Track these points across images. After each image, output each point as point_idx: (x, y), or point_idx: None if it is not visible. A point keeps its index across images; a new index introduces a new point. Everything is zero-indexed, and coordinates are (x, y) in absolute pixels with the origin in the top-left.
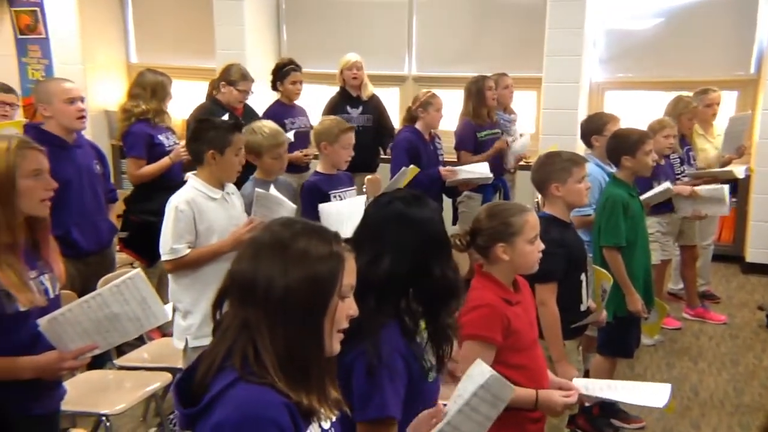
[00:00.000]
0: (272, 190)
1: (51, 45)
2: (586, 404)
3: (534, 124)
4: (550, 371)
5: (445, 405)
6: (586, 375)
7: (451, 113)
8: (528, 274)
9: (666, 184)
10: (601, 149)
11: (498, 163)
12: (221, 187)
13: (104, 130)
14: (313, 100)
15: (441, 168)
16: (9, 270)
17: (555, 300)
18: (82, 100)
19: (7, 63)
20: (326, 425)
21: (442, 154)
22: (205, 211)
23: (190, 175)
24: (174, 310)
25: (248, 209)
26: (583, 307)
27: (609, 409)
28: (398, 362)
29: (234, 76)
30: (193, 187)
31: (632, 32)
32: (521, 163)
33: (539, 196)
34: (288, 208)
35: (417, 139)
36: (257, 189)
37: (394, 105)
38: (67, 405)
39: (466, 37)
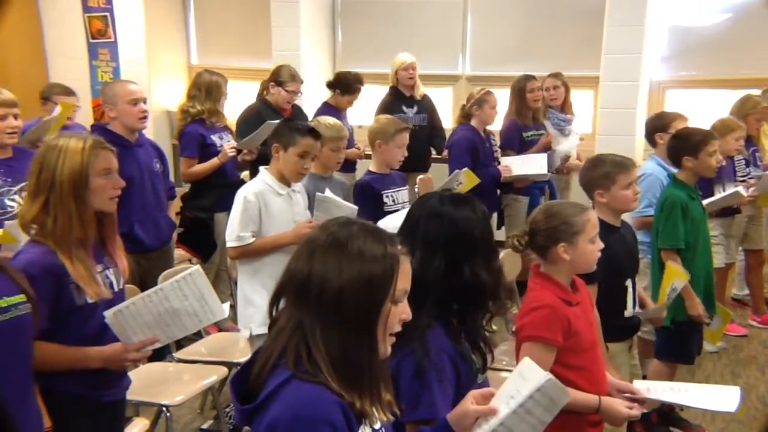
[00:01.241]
0: (328, 192)
1: (119, 48)
2: (644, 410)
3: (591, 124)
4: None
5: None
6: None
7: (502, 112)
8: None
9: (736, 188)
10: (666, 148)
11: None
12: (288, 183)
13: (165, 129)
14: (364, 100)
15: (500, 166)
16: (80, 264)
17: (594, 302)
18: (144, 101)
19: (80, 66)
20: (377, 426)
21: (497, 152)
22: (270, 204)
23: (262, 169)
24: (239, 301)
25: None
26: (628, 314)
27: (668, 416)
28: (446, 363)
29: (283, 77)
30: (263, 180)
31: (696, 29)
32: (575, 161)
33: None
34: (348, 210)
35: (475, 136)
36: (318, 193)
37: (446, 105)
38: (131, 394)
39: (521, 35)
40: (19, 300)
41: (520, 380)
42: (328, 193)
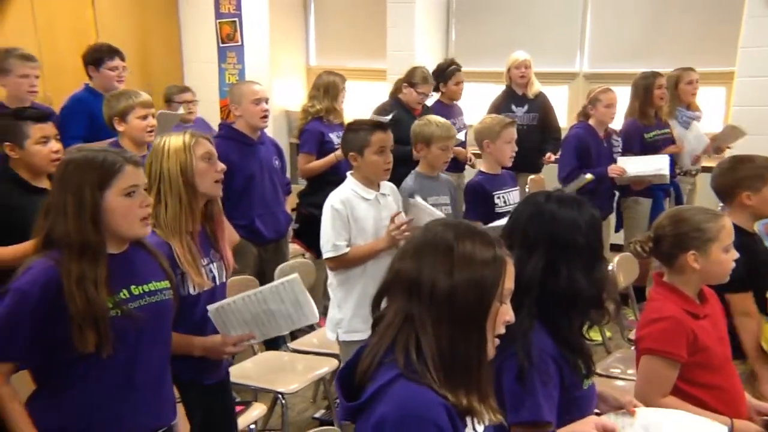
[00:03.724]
0: (418, 199)
1: (245, 51)
2: None
3: (722, 123)
4: (748, 392)
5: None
6: None
7: (623, 112)
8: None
9: None
10: None
11: (670, 166)
12: (376, 187)
13: (284, 128)
14: (478, 99)
15: (610, 166)
16: (188, 255)
17: (756, 309)
18: (266, 101)
19: (210, 69)
20: (480, 428)
21: (619, 153)
22: (357, 210)
23: (348, 174)
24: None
25: (406, 203)
26: None
27: None
28: (549, 365)
29: (416, 79)
30: (349, 187)
31: None
32: (702, 164)
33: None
34: (437, 217)
35: (588, 135)
36: (409, 199)
37: (562, 103)
38: (250, 380)
39: (644, 29)
40: (164, 285)
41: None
42: (418, 199)
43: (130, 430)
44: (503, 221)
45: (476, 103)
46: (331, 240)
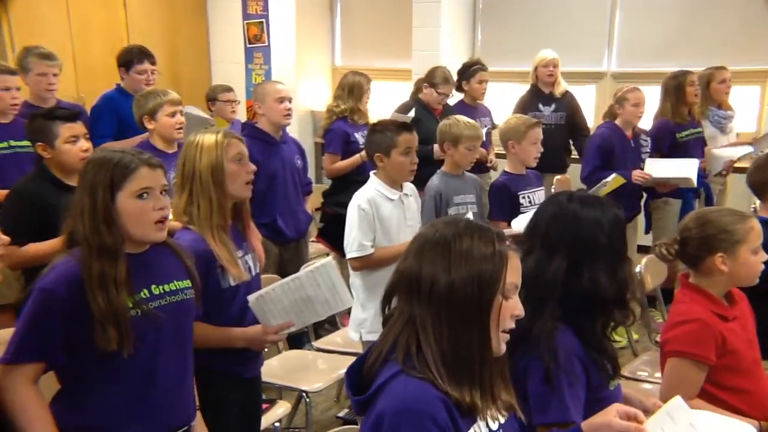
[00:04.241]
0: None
1: (271, 52)
2: None
3: (756, 123)
4: None
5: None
6: None
7: (652, 112)
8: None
9: None
10: None
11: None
12: (399, 187)
13: (309, 128)
14: (505, 99)
15: (634, 172)
16: (224, 248)
17: None
18: (290, 100)
19: (237, 70)
20: (494, 426)
21: (647, 153)
22: (382, 210)
23: (371, 174)
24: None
25: (435, 203)
26: None
27: None
28: (576, 366)
29: (437, 79)
30: (373, 187)
31: None
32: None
33: (757, 202)
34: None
35: (614, 135)
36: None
37: (589, 103)
38: (275, 378)
39: (676, 27)
40: (186, 285)
41: (668, 420)
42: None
43: (151, 429)
44: (528, 214)
45: (502, 102)
46: (357, 240)
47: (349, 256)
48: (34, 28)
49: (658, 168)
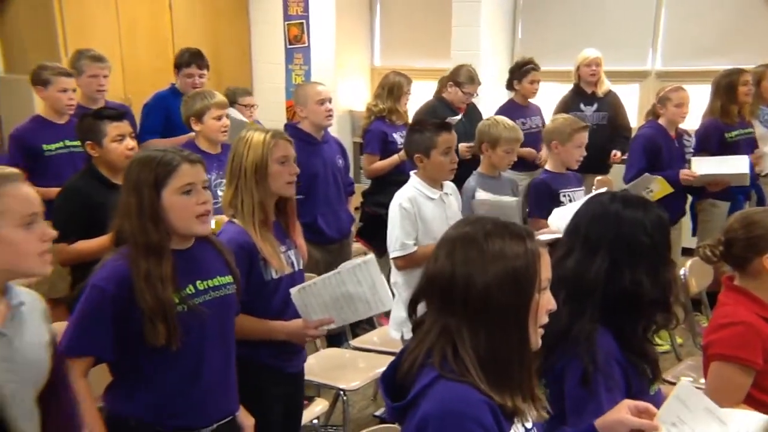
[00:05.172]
0: (482, 193)
1: (311, 52)
2: None
3: None
4: None
5: None
6: None
7: (698, 111)
8: None
9: None
10: None
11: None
12: (439, 186)
13: (348, 128)
14: (545, 99)
15: (681, 171)
16: (266, 242)
17: None
18: (330, 100)
19: (278, 70)
20: (528, 425)
21: (691, 153)
22: (423, 210)
23: (412, 174)
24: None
25: (468, 205)
26: None
27: None
28: (615, 369)
29: (462, 78)
30: (414, 186)
31: None
32: None
33: None
34: (509, 203)
35: (659, 135)
36: (474, 199)
37: (632, 103)
38: (313, 376)
39: (724, 23)
40: (228, 280)
41: (682, 408)
42: (481, 194)
43: (197, 420)
44: (564, 208)
45: (542, 102)
46: (399, 239)
47: (392, 255)
48: (85, 30)
49: (707, 166)
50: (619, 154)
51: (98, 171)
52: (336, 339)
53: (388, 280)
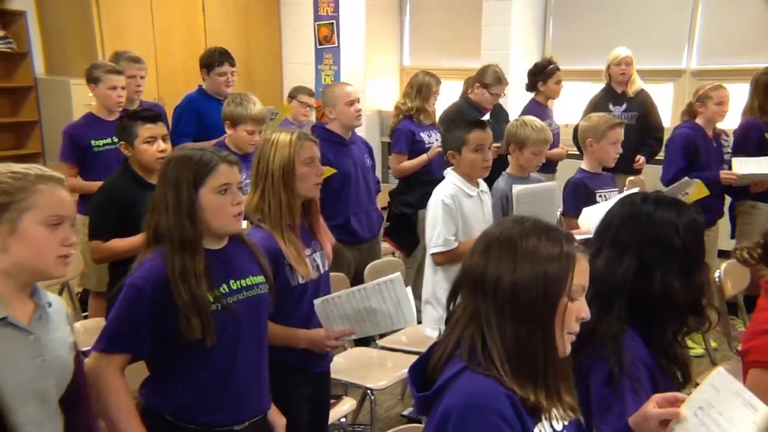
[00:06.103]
0: (518, 186)
1: (341, 53)
2: None
3: None
4: None
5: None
6: None
7: (735, 111)
8: None
9: None
10: None
11: None
12: (476, 183)
13: (377, 128)
14: (576, 98)
15: (721, 172)
16: (292, 246)
17: None
18: (358, 100)
19: (307, 71)
20: (558, 426)
21: (729, 153)
22: (464, 206)
23: (448, 171)
24: (426, 302)
25: (501, 205)
26: None
27: None
28: (642, 372)
29: (488, 79)
30: (452, 183)
31: None
32: None
33: None
34: (546, 189)
35: (697, 135)
36: (513, 191)
37: (666, 102)
38: (342, 375)
39: (762, 20)
40: (260, 280)
41: (712, 391)
42: (517, 187)
43: (230, 416)
44: (595, 207)
45: (574, 102)
46: (442, 234)
47: (433, 251)
48: (122, 32)
49: (749, 166)
50: (643, 159)
51: (133, 170)
52: (364, 338)
53: (419, 277)
